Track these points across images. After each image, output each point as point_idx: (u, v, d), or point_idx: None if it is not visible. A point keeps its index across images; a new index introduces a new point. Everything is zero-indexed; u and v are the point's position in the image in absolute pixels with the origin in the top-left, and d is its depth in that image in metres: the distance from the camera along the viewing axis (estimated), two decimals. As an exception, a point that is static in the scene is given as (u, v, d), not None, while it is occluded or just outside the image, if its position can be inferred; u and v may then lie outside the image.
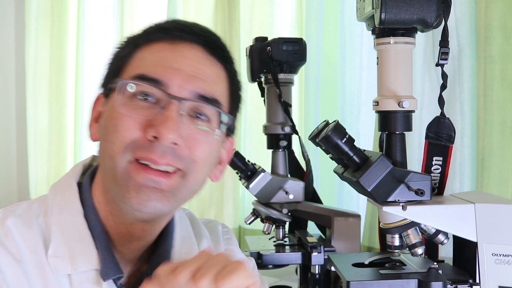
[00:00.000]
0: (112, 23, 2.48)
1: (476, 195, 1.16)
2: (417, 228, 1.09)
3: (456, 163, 1.55)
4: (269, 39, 1.54)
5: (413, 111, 1.09)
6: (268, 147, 1.56)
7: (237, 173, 1.52)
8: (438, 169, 1.15)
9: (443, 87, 1.11)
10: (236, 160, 1.48)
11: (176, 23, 0.88)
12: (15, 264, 0.81)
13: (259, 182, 1.46)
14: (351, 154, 1.05)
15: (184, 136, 0.81)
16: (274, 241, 1.52)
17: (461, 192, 1.42)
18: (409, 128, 1.09)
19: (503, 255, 1.04)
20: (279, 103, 1.51)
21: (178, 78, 0.82)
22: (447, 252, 1.31)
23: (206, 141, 0.84)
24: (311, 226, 1.67)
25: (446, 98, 1.21)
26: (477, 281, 1.06)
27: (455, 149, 1.52)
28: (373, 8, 1.05)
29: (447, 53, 1.07)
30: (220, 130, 0.85)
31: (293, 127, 1.52)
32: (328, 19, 1.88)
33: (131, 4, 2.41)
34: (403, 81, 1.08)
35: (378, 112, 1.10)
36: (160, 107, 0.80)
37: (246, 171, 1.48)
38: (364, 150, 1.08)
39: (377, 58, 1.10)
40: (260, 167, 1.50)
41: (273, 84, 1.51)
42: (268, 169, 1.53)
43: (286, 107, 1.51)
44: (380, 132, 1.14)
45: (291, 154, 1.58)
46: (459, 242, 1.14)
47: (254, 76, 1.55)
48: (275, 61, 1.50)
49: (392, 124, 1.08)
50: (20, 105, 2.81)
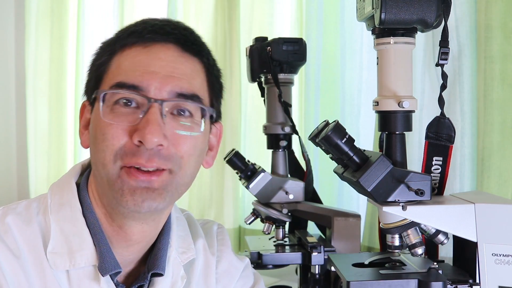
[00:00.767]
0: (112, 23, 2.48)
1: (476, 195, 1.16)
2: (417, 228, 1.09)
3: (456, 163, 1.55)
4: (269, 39, 1.54)
5: (413, 111, 1.09)
6: (268, 147, 1.56)
7: (237, 173, 1.52)
8: (438, 169, 1.15)
9: (443, 87, 1.10)
10: (236, 160, 1.48)
11: (147, 24, 0.89)
12: (13, 260, 0.83)
13: (259, 182, 1.46)
14: (351, 154, 1.05)
15: (168, 135, 0.83)
16: (274, 241, 1.52)
17: (461, 192, 1.42)
18: (409, 128, 1.09)
19: (503, 255, 1.04)
20: (279, 103, 1.51)
21: (155, 81, 0.84)
22: (447, 252, 1.31)
23: (191, 136, 0.86)
24: (311, 226, 1.67)
25: (446, 98, 1.21)
26: (477, 281, 1.06)
27: (455, 149, 1.52)
28: (373, 8, 1.05)
29: (447, 53, 1.07)
30: (203, 122, 0.88)
31: (293, 127, 1.52)
32: (328, 19, 1.88)
33: (131, 4, 2.41)
34: (403, 81, 1.07)
35: (378, 112, 1.10)
36: (142, 111, 0.83)
37: (246, 171, 1.48)
38: (364, 150, 1.08)
39: (377, 58, 1.10)
40: (260, 167, 1.50)
41: (273, 84, 1.51)
42: (268, 169, 1.53)
43: (286, 107, 1.51)
44: (380, 132, 1.14)
45: (291, 154, 1.58)
46: (459, 242, 1.14)
47: (254, 76, 1.56)
48: (275, 61, 1.50)
49: (392, 124, 1.08)
50: (20, 105, 2.81)
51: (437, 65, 1.08)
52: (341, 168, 1.13)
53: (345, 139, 1.04)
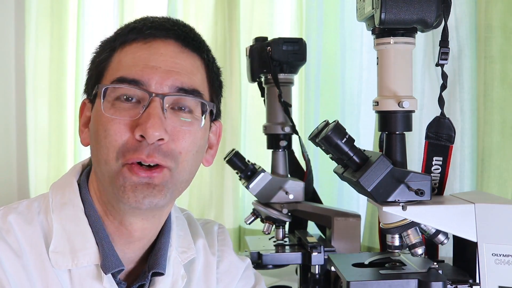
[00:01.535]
0: (112, 23, 2.48)
1: (476, 195, 1.16)
2: (417, 228, 1.09)
3: (456, 163, 1.55)
4: (269, 39, 1.54)
5: (413, 111, 1.09)
6: (268, 147, 1.56)
7: (237, 173, 1.52)
8: (438, 169, 1.15)
9: (443, 87, 1.10)
10: (236, 160, 1.48)
11: (147, 21, 0.90)
12: (15, 259, 0.84)
13: (259, 182, 1.46)
14: (351, 154, 1.05)
15: (169, 130, 0.84)
16: (274, 241, 1.52)
17: (461, 192, 1.42)
18: (409, 128, 1.09)
19: (503, 255, 1.04)
20: (279, 103, 1.51)
21: (156, 76, 0.85)
22: (447, 252, 1.31)
23: (191, 131, 0.87)
24: (311, 226, 1.67)
25: (446, 98, 1.21)
26: (477, 281, 1.06)
27: (455, 149, 1.52)
28: (373, 8, 1.05)
29: (447, 53, 1.07)
30: (203, 118, 0.88)
31: (293, 127, 1.52)
32: (328, 19, 1.88)
33: (131, 4, 2.41)
34: (403, 81, 1.07)
35: (378, 112, 1.10)
36: (143, 106, 0.84)
37: (246, 171, 1.48)
38: (364, 150, 1.08)
39: (377, 58, 1.10)
40: (260, 167, 1.50)
41: (273, 84, 1.51)
42: (268, 169, 1.53)
43: (286, 107, 1.51)
44: (380, 132, 1.14)
45: (291, 154, 1.58)
46: (459, 242, 1.14)
47: (254, 76, 1.55)
48: (275, 61, 1.50)
49: (392, 124, 1.08)
50: (20, 105, 2.80)
51: (437, 65, 1.08)
52: (341, 168, 1.13)
53: (345, 139, 1.04)
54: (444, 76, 1.10)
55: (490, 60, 1.50)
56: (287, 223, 1.55)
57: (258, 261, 1.42)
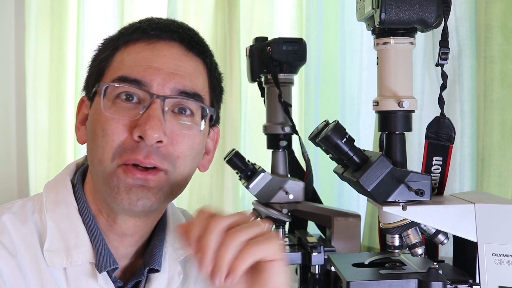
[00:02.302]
0: (112, 23, 2.48)
1: (476, 195, 1.16)
2: (417, 228, 1.09)
3: (456, 163, 1.55)
4: (269, 39, 1.54)
5: (413, 111, 1.09)
6: (268, 147, 1.56)
7: (237, 173, 1.52)
8: (438, 169, 1.15)
9: (443, 87, 1.10)
10: (236, 160, 1.48)
11: (152, 22, 0.90)
12: (10, 259, 0.84)
13: (259, 182, 1.46)
14: (351, 154, 1.05)
15: (168, 133, 0.84)
16: (274, 241, 1.52)
17: (461, 192, 1.42)
18: (409, 128, 1.09)
19: (503, 255, 1.04)
20: (279, 103, 1.51)
21: (159, 77, 0.84)
22: (447, 252, 1.31)
23: (190, 135, 0.87)
24: (311, 226, 1.67)
25: (446, 98, 1.21)
26: (477, 281, 1.06)
27: (455, 149, 1.52)
28: (373, 8, 1.05)
29: (447, 53, 1.07)
30: (203, 122, 0.88)
31: (293, 127, 1.52)
32: (328, 19, 1.88)
33: (131, 4, 2.41)
34: (403, 81, 1.07)
35: (378, 112, 1.10)
36: (143, 107, 0.83)
37: (246, 171, 1.48)
38: (364, 150, 1.08)
39: (377, 58, 1.10)
40: (260, 167, 1.50)
41: (273, 84, 1.51)
42: (268, 169, 1.53)
43: (286, 107, 1.51)
44: (380, 132, 1.14)
45: (291, 154, 1.58)
46: (459, 242, 1.14)
47: (254, 76, 1.56)
48: (275, 61, 1.50)
49: (392, 124, 1.08)
50: (20, 105, 2.80)
51: (437, 65, 1.08)
52: (341, 168, 1.13)
53: (345, 139, 1.04)
54: (444, 76, 1.10)
55: (490, 60, 1.50)
56: (287, 223, 1.55)
57: (258, 261, 1.42)
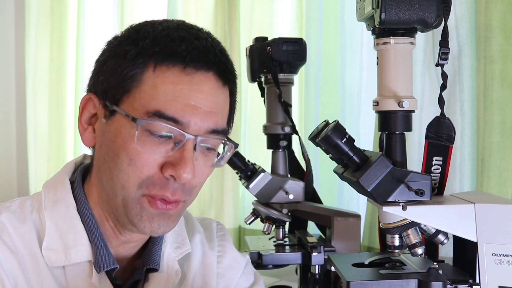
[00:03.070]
0: (112, 23, 2.48)
1: (476, 195, 1.16)
2: (417, 228, 1.09)
3: (456, 163, 1.55)
4: (269, 39, 1.54)
5: (413, 111, 1.09)
6: (268, 147, 1.56)
7: (237, 173, 1.52)
8: (438, 169, 1.15)
9: (443, 87, 1.10)
10: (236, 160, 1.48)
11: (189, 44, 0.84)
12: (11, 256, 0.84)
13: (259, 182, 1.46)
14: (351, 154, 1.05)
15: (195, 170, 0.84)
16: (274, 241, 1.52)
17: (461, 192, 1.42)
18: (409, 128, 1.09)
19: (503, 255, 1.04)
20: (279, 103, 1.51)
21: (197, 117, 0.83)
22: (447, 252, 1.31)
23: (210, 168, 0.88)
24: (311, 226, 1.67)
25: (446, 98, 1.21)
26: (477, 281, 1.06)
27: (455, 149, 1.52)
28: (373, 8, 1.05)
29: (447, 53, 1.06)
30: (226, 154, 0.90)
31: (293, 127, 1.52)
32: (328, 19, 1.88)
33: (131, 4, 2.41)
34: (403, 81, 1.07)
35: (378, 112, 1.10)
36: (175, 143, 0.82)
37: (246, 171, 1.48)
38: (364, 150, 1.08)
39: (377, 58, 1.10)
40: (260, 167, 1.50)
41: (273, 84, 1.51)
42: (268, 169, 1.53)
43: (286, 107, 1.51)
44: (380, 132, 1.14)
45: (291, 154, 1.58)
46: (459, 242, 1.14)
47: (254, 76, 1.55)
48: (275, 61, 1.50)
49: (392, 124, 1.08)
50: (20, 105, 2.81)
51: (437, 65, 1.08)
52: (341, 168, 1.12)
53: (345, 139, 1.04)
54: (444, 76, 1.10)
55: (490, 60, 1.50)
56: (287, 223, 1.55)
57: (258, 261, 1.42)
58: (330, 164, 1.16)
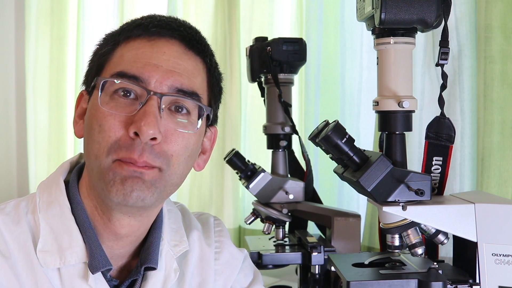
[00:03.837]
0: (112, 23, 2.48)
1: (476, 195, 1.16)
2: (417, 228, 1.09)
3: (456, 163, 1.55)
4: (269, 39, 1.54)
5: (413, 111, 1.09)
6: (268, 147, 1.56)
7: (237, 173, 1.52)
8: (438, 169, 1.15)
9: (443, 87, 1.11)
10: (236, 160, 1.48)
11: (154, 19, 0.91)
12: (3, 261, 0.84)
13: (259, 182, 1.46)
14: (351, 154, 1.05)
15: (163, 131, 0.83)
16: (274, 241, 1.52)
17: (461, 192, 1.42)
18: (409, 128, 1.09)
19: (503, 255, 1.04)
20: (279, 103, 1.51)
21: (157, 74, 0.84)
22: (447, 252, 1.31)
23: (185, 134, 0.86)
24: (311, 226, 1.67)
25: (446, 98, 1.21)
26: (477, 281, 1.06)
27: (455, 149, 1.52)
28: (373, 8, 1.05)
29: (447, 53, 1.07)
30: (200, 121, 0.88)
31: (293, 127, 1.52)
32: (328, 19, 1.88)
33: (131, 4, 2.41)
34: (403, 81, 1.08)
35: (378, 112, 1.10)
36: (140, 103, 0.83)
37: (246, 171, 1.48)
38: (364, 150, 1.08)
39: (377, 58, 1.10)
40: (260, 167, 1.50)
41: (273, 84, 1.51)
42: (268, 169, 1.53)
43: (286, 107, 1.51)
44: (380, 132, 1.14)
45: (291, 154, 1.58)
46: (459, 242, 1.14)
47: (254, 76, 1.55)
48: (275, 61, 1.50)
49: (392, 124, 1.08)
50: (20, 105, 2.81)
51: (437, 65, 1.08)
52: (341, 168, 1.13)
53: (345, 139, 1.04)
54: (444, 76, 1.10)
55: (490, 60, 1.50)
56: (287, 223, 1.55)
57: (258, 261, 1.42)
58: (330, 164, 1.16)
